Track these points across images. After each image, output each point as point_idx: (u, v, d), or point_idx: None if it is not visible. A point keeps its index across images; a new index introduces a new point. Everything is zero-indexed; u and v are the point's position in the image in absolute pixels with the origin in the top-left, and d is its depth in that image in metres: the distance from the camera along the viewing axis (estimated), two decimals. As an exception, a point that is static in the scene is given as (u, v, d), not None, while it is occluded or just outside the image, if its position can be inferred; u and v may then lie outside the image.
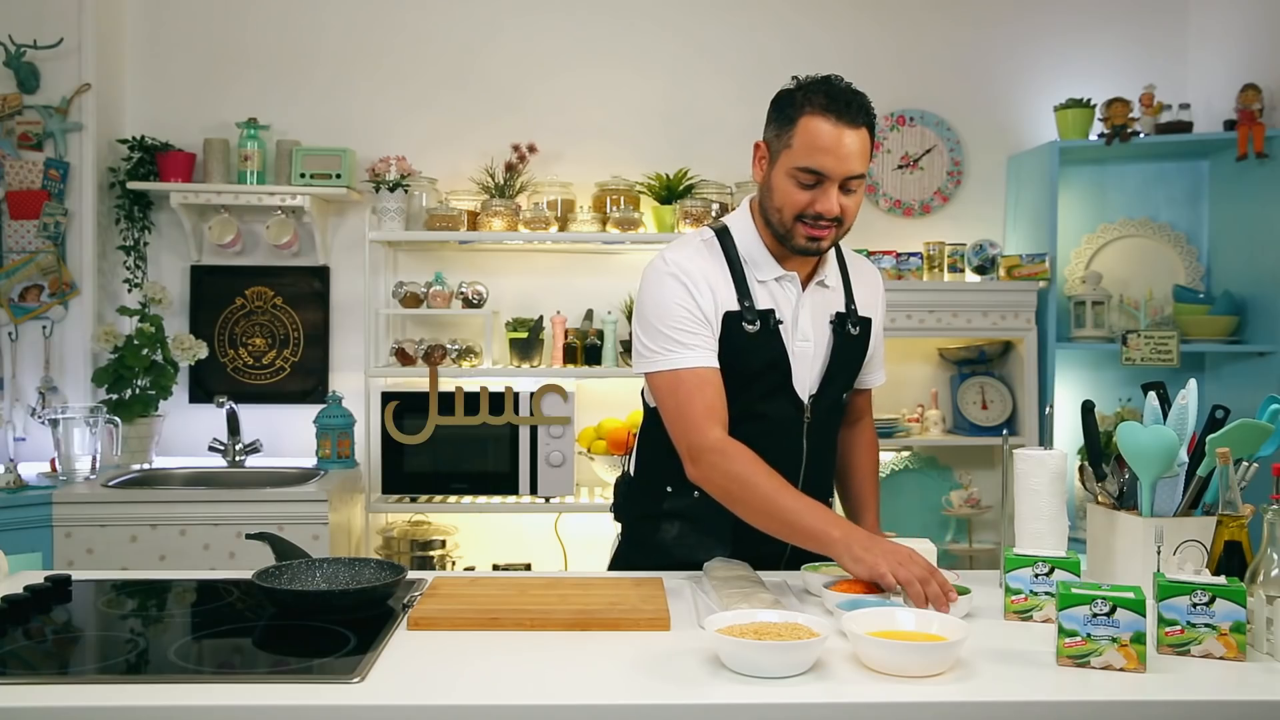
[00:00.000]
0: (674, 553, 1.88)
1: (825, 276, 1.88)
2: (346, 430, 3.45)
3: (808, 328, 1.85)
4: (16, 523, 2.89)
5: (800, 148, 1.72)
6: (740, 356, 1.80)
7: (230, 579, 1.78)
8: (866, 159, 1.75)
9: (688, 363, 1.76)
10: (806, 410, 1.86)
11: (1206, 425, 1.65)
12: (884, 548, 1.57)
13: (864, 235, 3.78)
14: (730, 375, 1.79)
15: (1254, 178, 3.49)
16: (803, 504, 1.68)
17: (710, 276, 1.80)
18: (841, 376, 1.91)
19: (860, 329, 1.92)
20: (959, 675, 1.30)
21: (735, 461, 1.71)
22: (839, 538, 1.61)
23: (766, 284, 1.83)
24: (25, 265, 3.42)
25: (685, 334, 1.77)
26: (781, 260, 1.83)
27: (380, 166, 3.50)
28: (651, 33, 3.76)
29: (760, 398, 1.82)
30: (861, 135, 1.73)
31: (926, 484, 3.74)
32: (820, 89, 1.73)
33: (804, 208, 1.74)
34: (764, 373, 1.81)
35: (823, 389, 1.87)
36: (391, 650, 1.40)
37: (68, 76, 3.44)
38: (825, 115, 1.70)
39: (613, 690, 1.26)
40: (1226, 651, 1.36)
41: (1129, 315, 3.69)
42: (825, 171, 1.72)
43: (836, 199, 1.73)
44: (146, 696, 1.23)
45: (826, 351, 1.87)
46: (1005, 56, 3.85)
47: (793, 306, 1.84)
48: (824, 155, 1.70)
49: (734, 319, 1.79)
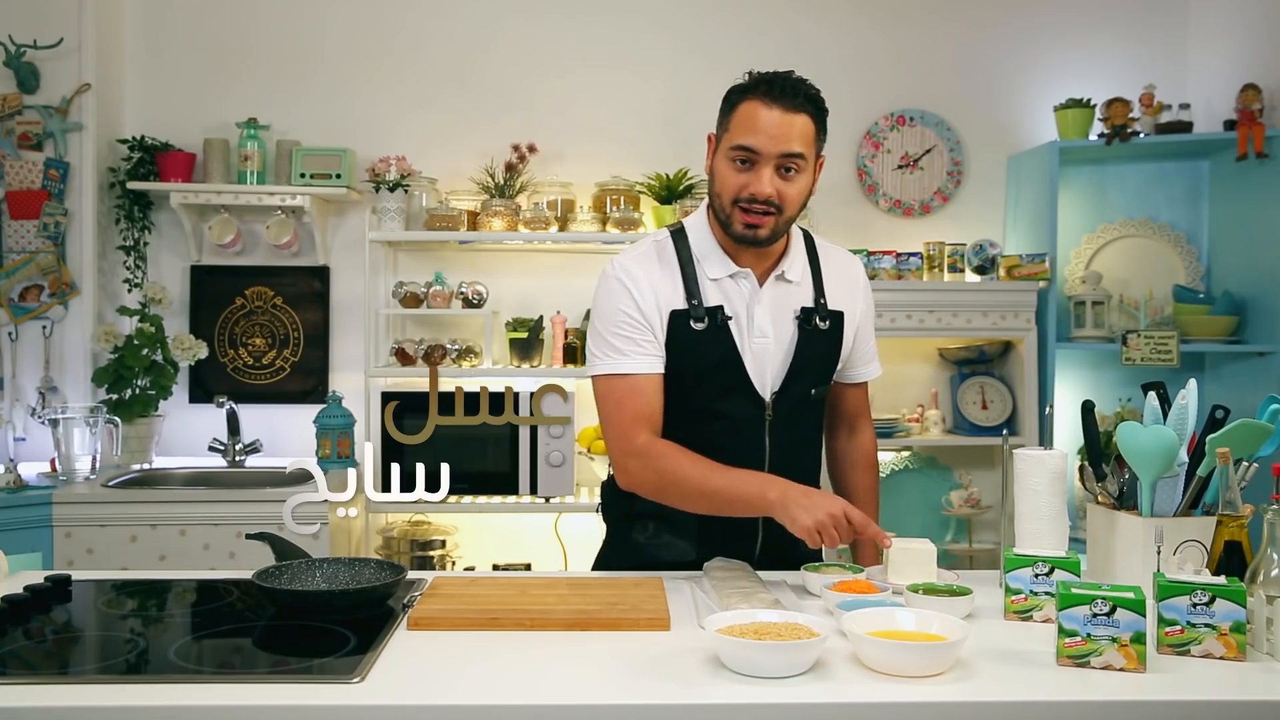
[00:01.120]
0: (648, 553, 1.89)
1: (786, 270, 1.86)
2: (346, 430, 3.44)
3: (766, 324, 1.83)
4: (16, 523, 2.89)
5: (735, 129, 1.75)
6: (690, 355, 1.80)
7: (230, 579, 1.78)
8: (807, 144, 1.74)
9: (621, 369, 1.79)
10: (768, 408, 1.84)
11: (1206, 425, 1.65)
12: (815, 502, 1.65)
13: (864, 235, 3.79)
14: (684, 374, 1.81)
15: (1254, 178, 3.49)
16: (733, 478, 1.73)
17: (655, 278, 1.81)
18: (809, 372, 1.88)
19: (831, 322, 1.89)
20: (959, 675, 1.30)
21: (660, 460, 1.76)
22: (776, 499, 1.68)
23: (719, 281, 1.82)
24: (25, 265, 3.42)
25: (623, 339, 1.79)
26: (735, 256, 1.83)
27: (380, 166, 3.50)
28: (651, 33, 3.76)
29: (717, 396, 1.82)
30: (799, 119, 1.73)
31: (926, 484, 3.74)
32: (764, 78, 1.76)
33: (739, 191, 1.74)
34: (716, 370, 1.81)
35: (786, 386, 1.85)
36: (391, 650, 1.40)
37: (68, 76, 3.44)
38: (762, 99, 1.73)
39: (613, 690, 1.26)
40: (1226, 651, 1.36)
41: (1129, 315, 3.69)
42: (757, 148, 1.72)
43: (770, 180, 1.73)
44: (146, 696, 1.23)
45: (789, 347, 1.85)
46: (1005, 56, 3.85)
47: (746, 303, 1.83)
48: (756, 133, 1.72)
49: (681, 317, 1.80)
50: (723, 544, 1.84)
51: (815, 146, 1.77)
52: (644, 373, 1.79)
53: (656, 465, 1.76)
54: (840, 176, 3.82)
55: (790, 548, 1.91)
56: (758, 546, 1.88)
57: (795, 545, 1.93)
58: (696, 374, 1.81)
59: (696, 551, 1.86)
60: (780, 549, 1.88)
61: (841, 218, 3.79)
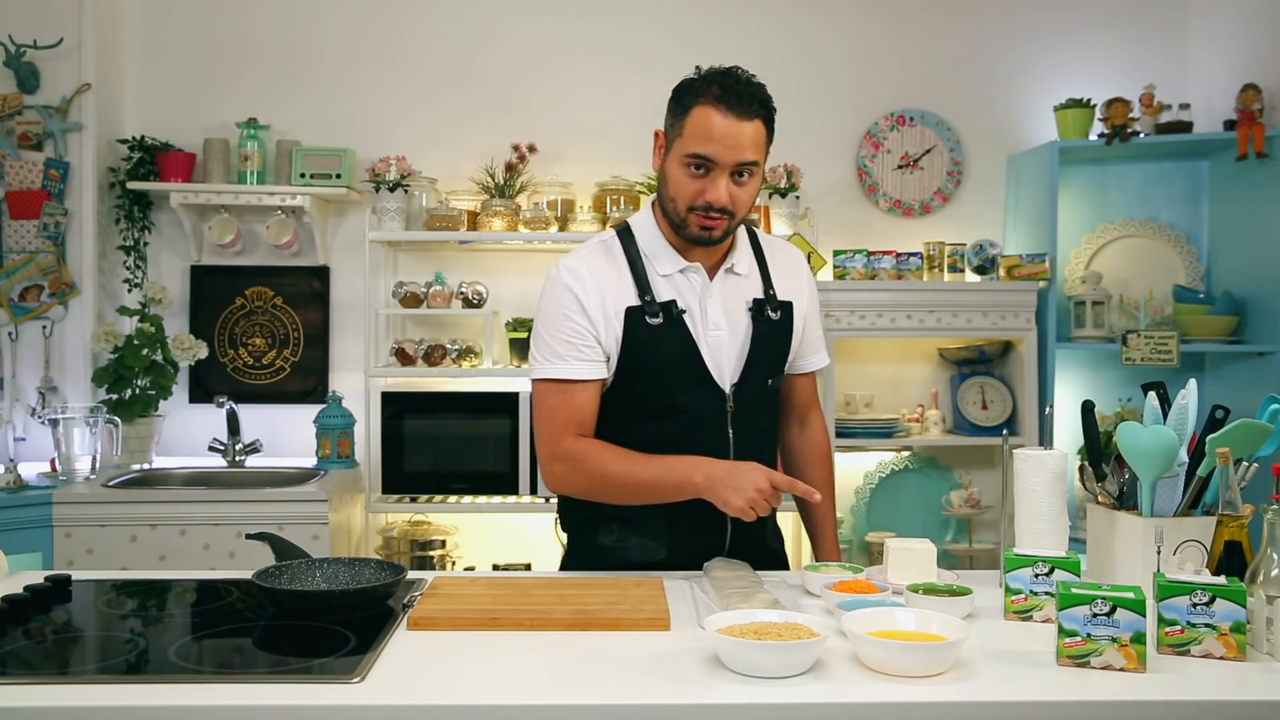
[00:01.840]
0: (615, 556, 1.88)
1: (734, 264, 1.87)
2: (346, 430, 3.45)
3: (719, 317, 1.84)
4: (16, 523, 2.89)
5: (690, 136, 1.74)
6: (649, 351, 1.81)
7: (230, 579, 1.78)
8: (760, 150, 1.76)
9: (559, 374, 1.80)
10: (729, 400, 1.84)
11: (1206, 425, 1.65)
12: (741, 480, 1.67)
13: (864, 235, 3.79)
14: (644, 371, 1.81)
15: (1254, 178, 3.49)
16: (658, 468, 1.75)
17: (603, 277, 1.81)
18: (765, 363, 1.89)
19: (782, 313, 1.91)
20: (959, 675, 1.30)
21: (586, 461, 1.78)
22: (702, 482, 1.71)
23: (670, 277, 1.83)
24: (25, 265, 3.42)
25: (564, 344, 1.79)
26: (683, 252, 1.84)
27: (380, 166, 3.50)
28: (651, 33, 3.76)
29: (678, 390, 1.82)
30: (754, 126, 1.74)
31: (926, 484, 3.74)
32: (716, 79, 1.75)
33: (695, 197, 1.75)
34: (676, 365, 1.82)
35: (745, 377, 1.86)
36: (391, 650, 1.40)
37: (68, 76, 3.44)
38: (717, 105, 1.72)
39: (613, 690, 1.26)
40: (1226, 651, 1.36)
41: (1129, 315, 3.69)
42: (714, 159, 1.72)
43: (726, 188, 1.74)
44: (146, 696, 1.23)
45: (745, 339, 1.86)
46: (1005, 56, 3.85)
47: (698, 297, 1.84)
48: (713, 143, 1.72)
49: (636, 314, 1.80)
50: (692, 541, 1.84)
51: (766, 149, 1.80)
52: (581, 379, 1.80)
53: (583, 467, 1.79)
54: (840, 176, 3.83)
55: (760, 542, 1.93)
56: (727, 541, 1.88)
57: (765, 540, 1.95)
58: (656, 370, 1.82)
59: (666, 551, 1.85)
60: (751, 543, 1.90)
61: (841, 218, 3.79)
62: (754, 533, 1.91)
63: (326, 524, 3.02)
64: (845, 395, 3.69)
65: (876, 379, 3.79)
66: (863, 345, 3.75)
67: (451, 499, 3.46)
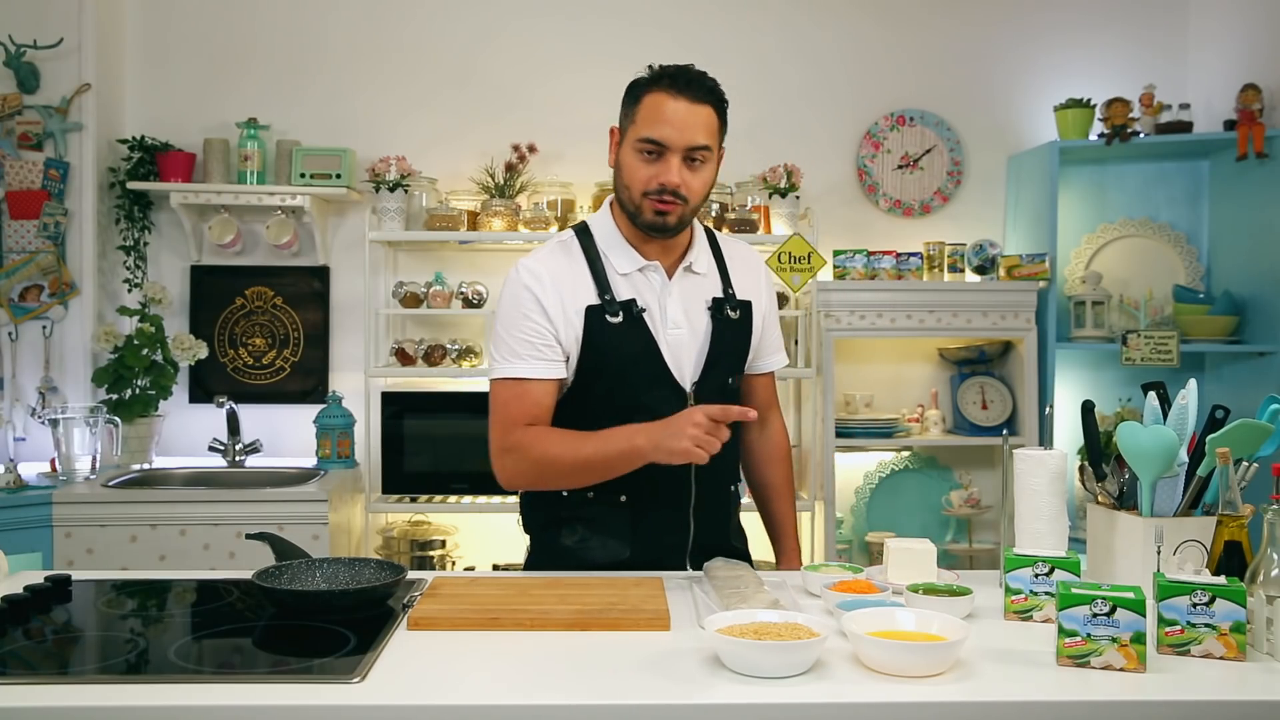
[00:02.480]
0: (578, 557, 1.88)
1: (693, 262, 1.88)
2: (346, 430, 3.45)
3: (679, 315, 1.85)
4: (16, 523, 2.89)
5: (642, 121, 1.77)
6: (610, 350, 1.82)
7: (230, 579, 1.78)
8: (712, 136, 1.79)
9: (515, 373, 1.81)
10: (690, 398, 1.85)
11: (1206, 425, 1.65)
12: (678, 428, 1.66)
13: (864, 235, 3.79)
14: (605, 370, 1.82)
15: (1254, 178, 3.49)
16: (600, 441, 1.75)
17: (562, 277, 1.83)
18: (725, 361, 1.90)
19: (741, 312, 1.92)
20: (959, 675, 1.30)
21: (530, 448, 1.79)
22: (645, 445, 1.70)
23: (629, 276, 1.85)
24: (25, 265, 3.42)
25: (521, 343, 1.81)
26: (642, 250, 1.85)
27: (380, 166, 3.50)
28: (651, 33, 3.76)
29: (639, 389, 1.83)
30: (705, 111, 1.77)
31: (926, 484, 3.74)
32: (667, 71, 1.79)
33: (648, 182, 1.77)
34: (637, 363, 1.82)
35: (705, 375, 1.86)
36: (391, 650, 1.40)
37: (68, 76, 3.44)
38: (668, 90, 1.76)
39: (613, 690, 1.26)
40: (1226, 651, 1.36)
41: (1129, 315, 3.69)
42: (665, 141, 1.75)
43: (678, 171, 1.76)
44: (146, 696, 1.23)
45: (705, 338, 1.87)
46: (1005, 56, 3.85)
47: (658, 295, 1.85)
48: (663, 125, 1.75)
49: (596, 313, 1.81)
50: (656, 538, 1.85)
51: (719, 138, 1.82)
52: (535, 378, 1.81)
53: (529, 455, 1.80)
54: (840, 176, 3.83)
55: (724, 537, 1.93)
56: (690, 540, 1.88)
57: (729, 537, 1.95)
58: (617, 369, 1.82)
59: (629, 551, 1.85)
60: (715, 541, 1.90)
61: (841, 218, 3.79)
62: (718, 531, 1.92)
63: (326, 524, 3.02)
64: (845, 395, 3.69)
65: (876, 379, 3.79)
66: (863, 345, 3.75)
67: (451, 499, 3.46)
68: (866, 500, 3.72)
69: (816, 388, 3.51)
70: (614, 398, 1.83)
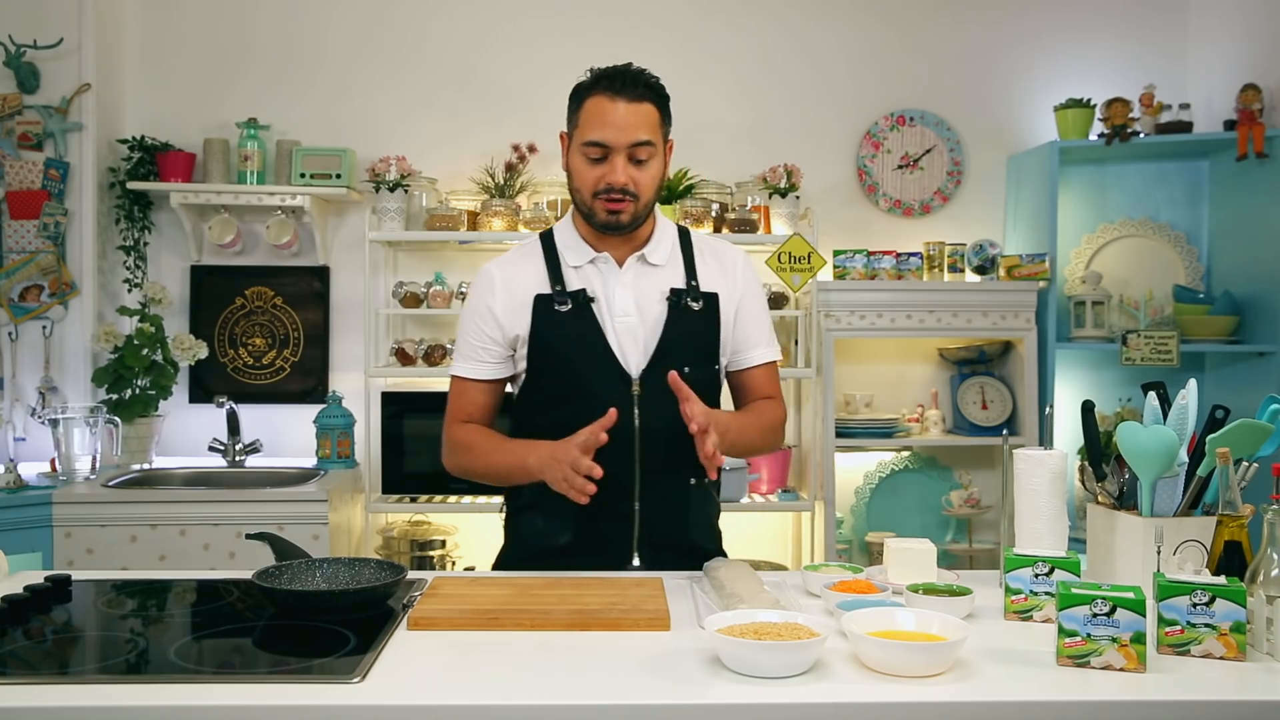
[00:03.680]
0: (532, 543, 1.94)
1: (649, 254, 1.93)
2: (346, 430, 3.45)
3: (629, 304, 1.90)
4: (16, 523, 2.89)
5: (585, 125, 1.85)
6: (557, 337, 1.90)
7: (230, 579, 1.78)
8: (654, 131, 1.85)
9: (458, 371, 1.98)
10: (635, 384, 1.88)
11: (1206, 425, 1.65)
12: (556, 460, 1.73)
13: (864, 235, 3.79)
14: (553, 357, 1.90)
15: (1254, 178, 3.49)
16: (505, 454, 1.89)
17: (515, 274, 1.93)
18: (680, 351, 1.90)
19: (705, 303, 1.94)
20: (959, 675, 1.30)
21: (457, 446, 1.94)
22: (534, 465, 1.80)
23: (580, 268, 1.92)
24: (25, 265, 3.42)
25: (467, 344, 1.97)
26: (596, 245, 1.92)
27: (380, 166, 3.50)
28: (651, 33, 3.76)
29: (586, 376, 1.88)
30: (644, 109, 1.83)
31: (926, 484, 3.74)
32: (605, 73, 1.86)
33: (596, 183, 1.85)
34: (583, 349, 1.88)
35: (654, 363, 1.88)
36: (391, 650, 1.40)
37: (68, 76, 3.44)
38: (606, 92, 1.83)
39: (613, 690, 1.26)
40: (1226, 651, 1.36)
41: (1129, 315, 3.69)
42: (607, 142, 1.82)
43: (624, 170, 1.83)
44: (146, 696, 1.23)
45: (657, 327, 1.90)
46: (1005, 56, 3.85)
47: (606, 284, 1.91)
48: (606, 128, 1.82)
49: (545, 302, 1.90)
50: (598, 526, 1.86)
51: (662, 132, 1.88)
52: (472, 378, 1.96)
53: (454, 451, 1.95)
54: (840, 176, 3.83)
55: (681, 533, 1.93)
56: (635, 529, 1.89)
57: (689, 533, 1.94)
58: (564, 355, 1.89)
59: (571, 536, 1.87)
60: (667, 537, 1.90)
61: (841, 218, 3.79)
62: (673, 526, 1.91)
63: (326, 524, 3.02)
64: (845, 395, 3.69)
65: (876, 379, 3.79)
66: (863, 345, 3.75)
67: (451, 499, 3.46)
68: (866, 500, 3.72)
69: (816, 388, 3.51)
70: (561, 384, 1.90)
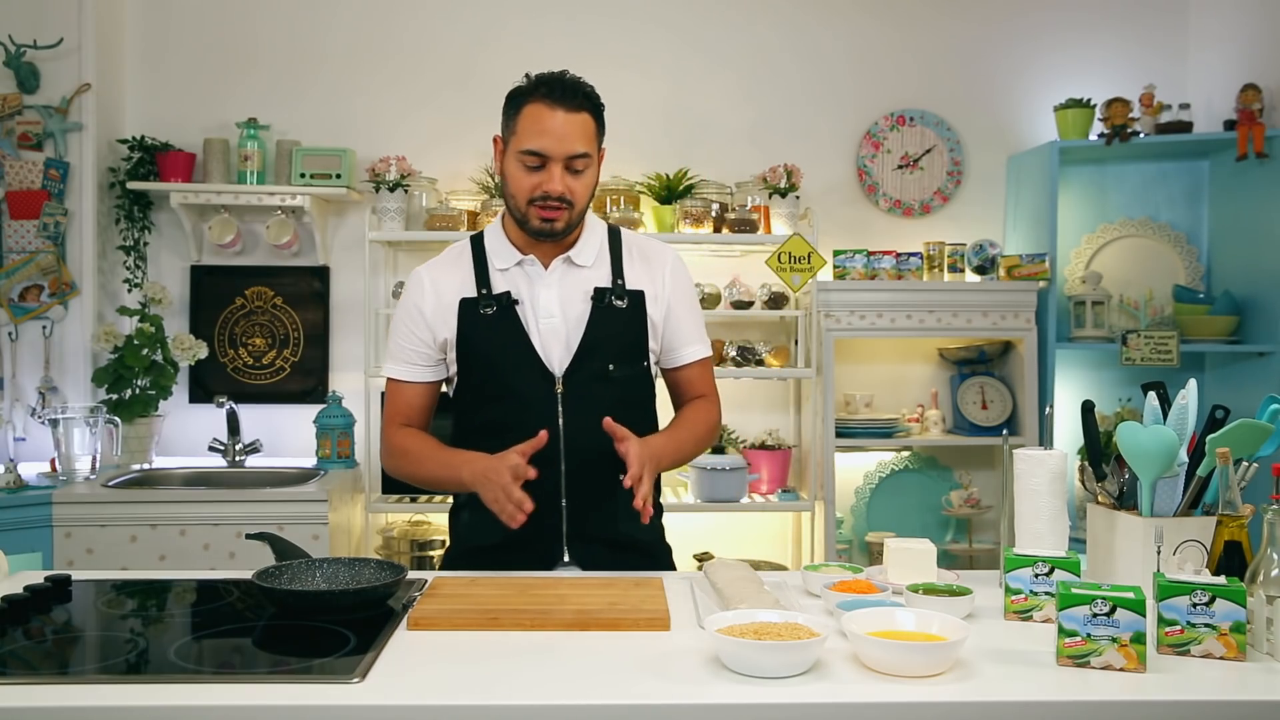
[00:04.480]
0: (468, 541, 1.97)
1: (575, 255, 1.95)
2: (346, 430, 3.45)
3: (553, 305, 1.92)
4: (16, 523, 2.89)
5: (523, 133, 1.85)
6: (482, 339, 1.92)
7: (230, 579, 1.78)
8: (590, 142, 1.87)
9: (391, 374, 2.01)
10: (558, 383, 1.90)
11: (1206, 425, 1.65)
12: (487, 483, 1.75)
13: (864, 235, 3.79)
14: (479, 358, 1.93)
15: (1254, 178, 3.49)
16: (439, 465, 1.90)
17: (443, 279, 1.96)
18: (604, 349, 1.92)
19: (630, 301, 1.95)
20: (959, 675, 1.30)
21: (393, 450, 1.97)
22: (468, 479, 1.82)
23: (507, 271, 1.94)
24: (25, 265, 3.42)
25: (397, 346, 1.99)
26: (523, 248, 1.94)
27: (380, 166, 3.50)
28: (652, 33, 3.76)
29: (511, 377, 1.91)
30: (581, 119, 1.85)
31: (926, 484, 3.74)
32: (543, 80, 1.86)
33: (532, 191, 1.86)
34: (507, 350, 1.91)
35: (578, 362, 1.90)
36: (391, 650, 1.40)
37: (68, 76, 3.44)
38: (544, 101, 1.84)
39: (613, 690, 1.26)
40: (1226, 651, 1.36)
41: (1129, 315, 3.69)
42: (545, 152, 1.84)
43: (561, 179, 1.85)
44: (146, 696, 1.23)
45: (580, 326, 1.92)
46: (1005, 56, 3.85)
47: (531, 287, 1.93)
48: (544, 137, 1.83)
49: (471, 305, 1.93)
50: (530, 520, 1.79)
51: (597, 143, 1.91)
52: (404, 380, 1.99)
53: (394, 455, 1.97)
54: (840, 176, 3.83)
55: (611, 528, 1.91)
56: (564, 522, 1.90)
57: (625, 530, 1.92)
58: (489, 356, 1.92)
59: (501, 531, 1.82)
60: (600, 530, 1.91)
61: (841, 218, 3.79)
62: (603, 520, 1.91)
63: (326, 524, 3.02)
64: (845, 395, 3.69)
65: (876, 379, 3.79)
66: (863, 345, 3.75)
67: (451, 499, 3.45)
68: (866, 500, 3.72)
69: (816, 388, 3.51)
70: (487, 384, 1.93)
